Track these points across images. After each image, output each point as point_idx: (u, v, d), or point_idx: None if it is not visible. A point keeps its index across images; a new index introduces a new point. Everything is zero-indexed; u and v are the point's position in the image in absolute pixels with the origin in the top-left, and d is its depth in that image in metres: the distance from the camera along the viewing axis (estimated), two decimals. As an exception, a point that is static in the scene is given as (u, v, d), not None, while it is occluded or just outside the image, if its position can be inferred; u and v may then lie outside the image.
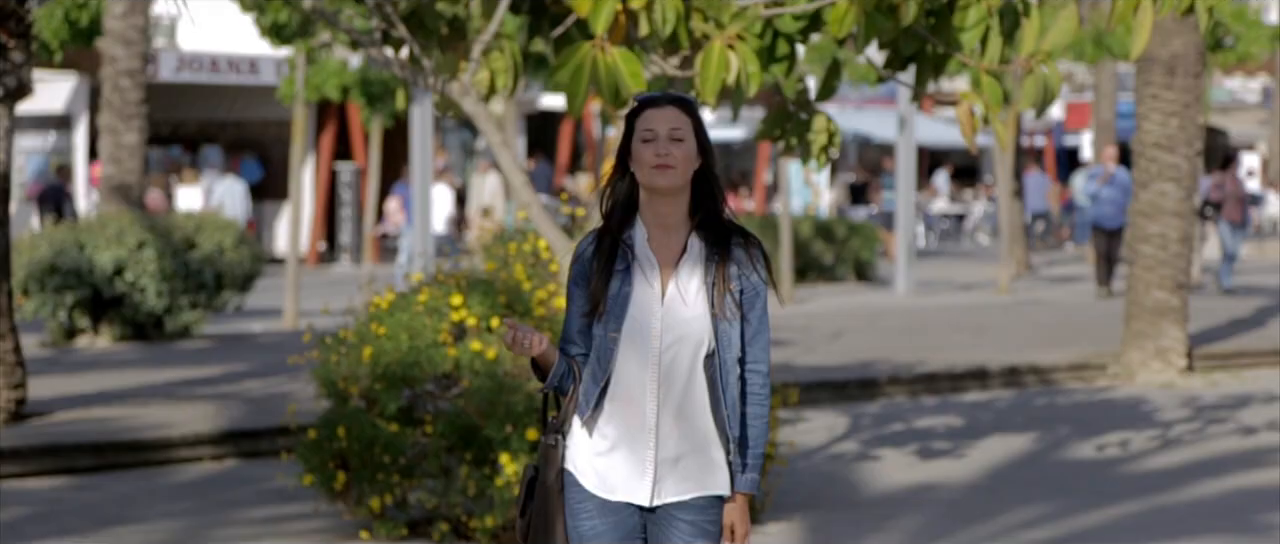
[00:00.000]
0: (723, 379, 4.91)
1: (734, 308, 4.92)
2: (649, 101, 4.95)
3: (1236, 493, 10.92)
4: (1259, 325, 20.13)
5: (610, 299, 4.91)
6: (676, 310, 4.91)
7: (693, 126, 4.92)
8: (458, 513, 9.28)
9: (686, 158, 4.89)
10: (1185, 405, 14.75)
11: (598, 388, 4.92)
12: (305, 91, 22.06)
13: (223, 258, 18.58)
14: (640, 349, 4.89)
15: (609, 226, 4.96)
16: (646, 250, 4.93)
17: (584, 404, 4.93)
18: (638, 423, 4.91)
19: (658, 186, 4.88)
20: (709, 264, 4.93)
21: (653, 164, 4.87)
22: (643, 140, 4.90)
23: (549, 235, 9.55)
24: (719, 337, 4.91)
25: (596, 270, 4.92)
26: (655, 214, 4.93)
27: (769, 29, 8.79)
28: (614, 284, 4.91)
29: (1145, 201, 16.71)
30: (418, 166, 21.18)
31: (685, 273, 4.93)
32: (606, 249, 4.93)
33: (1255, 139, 50.12)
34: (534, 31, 9.70)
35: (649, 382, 4.90)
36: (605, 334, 4.91)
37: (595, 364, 4.93)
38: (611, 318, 4.91)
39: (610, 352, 4.90)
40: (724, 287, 4.92)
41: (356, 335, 9.39)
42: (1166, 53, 16.49)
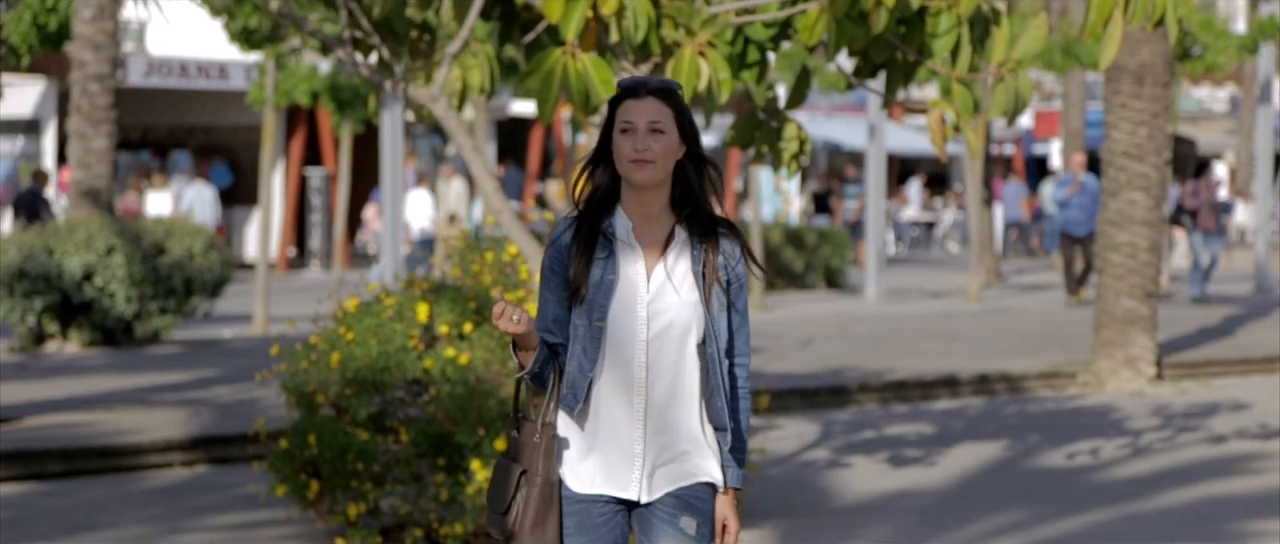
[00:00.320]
0: (713, 371, 4.81)
1: (722, 297, 4.82)
2: (628, 90, 4.80)
3: (1206, 501, 10.96)
4: (1227, 334, 20.20)
5: (593, 286, 4.77)
6: (664, 297, 4.80)
7: (675, 116, 4.79)
8: (430, 519, 9.27)
9: (667, 150, 4.78)
10: (1155, 414, 14.79)
11: (586, 380, 4.79)
12: (275, 97, 22.02)
13: (192, 263, 18.53)
14: (627, 338, 4.77)
15: (587, 213, 4.83)
16: (630, 238, 4.81)
17: (572, 397, 4.80)
18: (626, 415, 4.79)
19: (635, 181, 4.77)
20: (696, 252, 4.82)
21: (630, 158, 4.76)
22: (621, 131, 4.78)
23: (520, 241, 9.54)
24: (708, 327, 4.81)
25: (576, 256, 4.78)
26: (638, 204, 4.82)
27: (740, 36, 8.79)
28: (595, 271, 4.78)
29: (1114, 210, 16.76)
30: (388, 172, 21.15)
31: (671, 260, 4.82)
32: (585, 235, 4.79)
33: (1223, 148, 50.32)
34: (505, 37, 9.69)
35: (637, 371, 4.78)
36: (589, 323, 4.77)
37: (581, 355, 4.78)
38: (595, 306, 4.77)
39: (597, 341, 4.77)
40: (712, 275, 4.82)
41: (326, 342, 9.37)
42: (1135, 62, 16.55)
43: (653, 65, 8.84)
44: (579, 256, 4.78)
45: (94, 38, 20.32)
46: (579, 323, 4.78)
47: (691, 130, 4.83)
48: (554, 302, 4.83)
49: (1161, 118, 16.76)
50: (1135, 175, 16.63)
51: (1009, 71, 8.40)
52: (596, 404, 4.80)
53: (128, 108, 25.78)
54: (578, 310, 4.79)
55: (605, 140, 4.81)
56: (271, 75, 21.57)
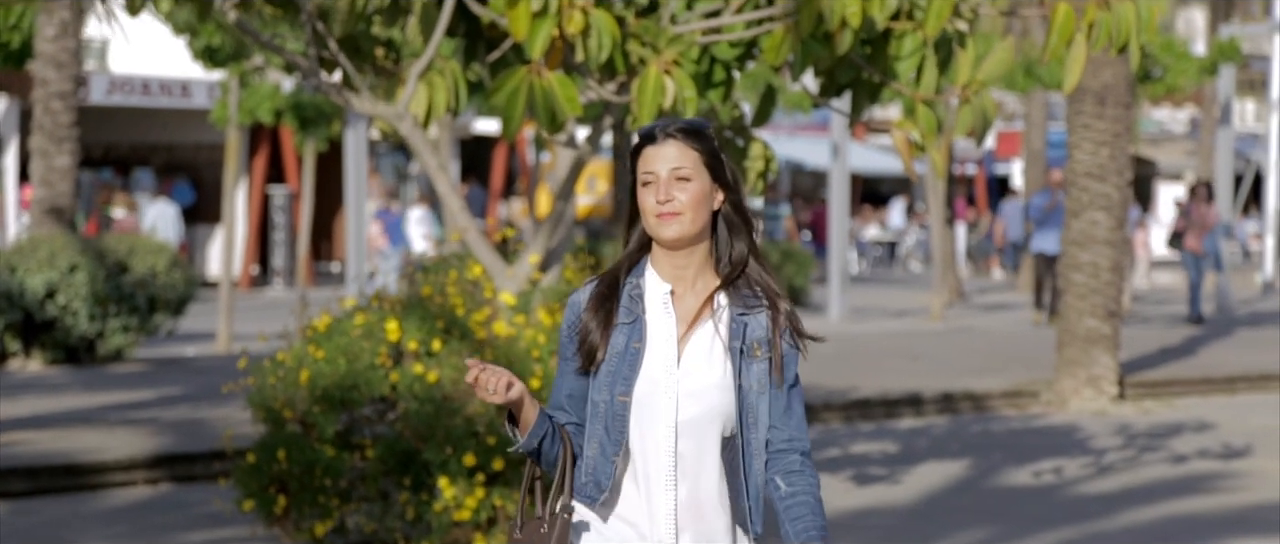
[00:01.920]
0: (746, 465, 4.11)
1: (764, 378, 4.12)
2: (646, 137, 4.16)
3: (1168, 520, 11.00)
4: (1189, 354, 20.29)
5: (615, 356, 4.10)
6: (698, 376, 4.11)
7: (704, 160, 4.13)
8: (396, 537, 9.26)
9: (696, 201, 4.10)
10: (1117, 433, 14.85)
11: (610, 466, 4.09)
12: (238, 115, 21.98)
13: (155, 281, 18.47)
14: (655, 419, 4.08)
15: (614, 272, 4.20)
16: (666, 302, 4.14)
17: (594, 487, 4.11)
18: (655, 508, 4.09)
19: (663, 239, 4.11)
20: (735, 325, 4.13)
21: (655, 213, 4.11)
22: (643, 184, 4.14)
23: (485, 258, 9.55)
24: (745, 413, 4.11)
25: (596, 317, 4.13)
26: (671, 266, 4.15)
27: (705, 55, 8.82)
28: (618, 338, 4.12)
29: (1077, 230, 16.84)
30: (351, 191, 21.14)
31: (706, 333, 4.13)
32: (608, 295, 4.15)
33: (1183, 169, 50.55)
34: (470, 55, 9.70)
35: (665, 459, 4.08)
36: (612, 398, 4.08)
37: (603, 436, 4.09)
38: (618, 379, 4.09)
39: (622, 419, 4.08)
40: (754, 351, 4.12)
41: (294, 358, 9.36)
42: (1097, 83, 16.64)
43: (618, 84, 8.86)
44: (599, 318, 4.13)
45: (56, 56, 20.27)
46: (599, 398, 4.11)
47: (727, 173, 4.17)
48: (570, 374, 4.17)
49: (1123, 138, 16.86)
50: (1097, 195, 16.71)
51: (973, 93, 8.44)
52: (623, 495, 4.12)
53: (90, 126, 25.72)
54: (596, 385, 4.11)
55: (632, 197, 4.18)
56: (235, 93, 21.54)
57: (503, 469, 9.02)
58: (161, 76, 31.76)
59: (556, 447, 4.13)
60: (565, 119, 8.31)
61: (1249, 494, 11.90)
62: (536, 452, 4.12)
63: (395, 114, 9.28)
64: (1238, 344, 21.50)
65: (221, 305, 20.46)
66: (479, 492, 8.94)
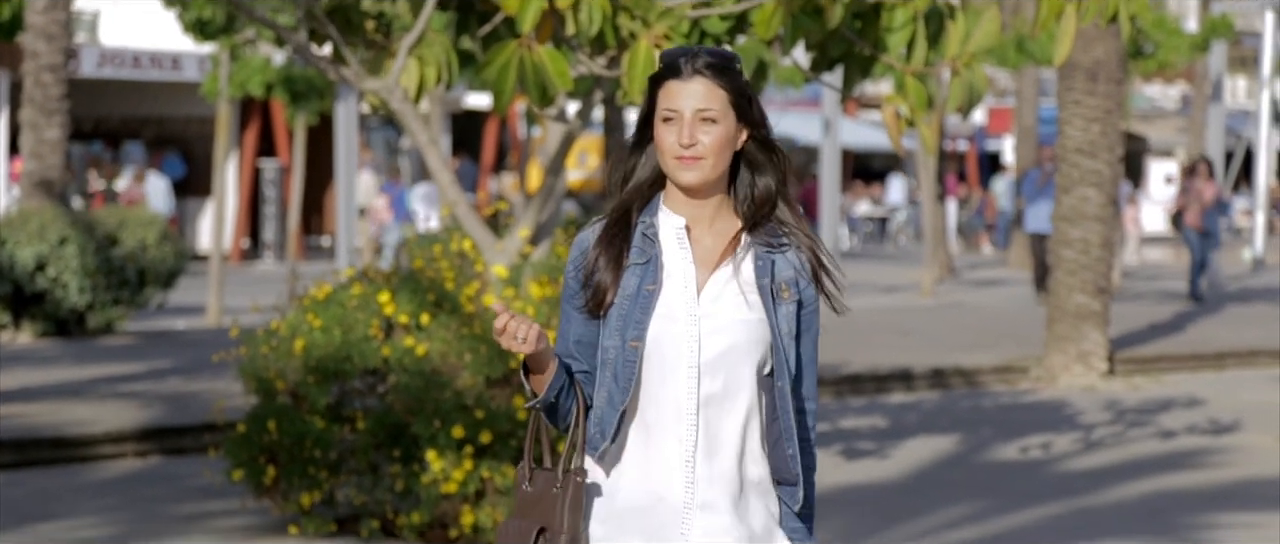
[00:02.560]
0: (783, 411, 3.84)
1: (792, 320, 3.85)
2: (671, 67, 3.82)
3: (1157, 495, 11.03)
4: (1178, 330, 20.33)
5: (626, 299, 3.80)
6: (722, 313, 3.81)
7: (731, 99, 3.80)
8: (385, 509, 9.27)
9: (720, 145, 3.79)
10: (1106, 408, 14.88)
11: (616, 413, 3.80)
12: (229, 88, 21.95)
13: (146, 254, 18.47)
14: (671, 363, 3.78)
15: (622, 208, 3.87)
16: (682, 239, 3.84)
17: (598, 435, 3.82)
18: (668, 460, 3.81)
19: (682, 183, 3.82)
20: (762, 262, 3.84)
21: (675, 155, 3.80)
22: (663, 120, 3.81)
23: (475, 233, 9.55)
24: (777, 354, 3.82)
25: (604, 261, 3.82)
26: (687, 206, 3.85)
27: (696, 29, 8.81)
28: (629, 279, 3.81)
29: (1067, 206, 16.86)
30: (342, 164, 21.12)
31: (727, 272, 3.83)
32: (617, 234, 3.84)
33: (1174, 146, 50.59)
34: (461, 29, 9.69)
35: (684, 406, 3.79)
36: (623, 344, 3.79)
37: (612, 383, 3.80)
38: (630, 323, 3.79)
39: (632, 366, 3.79)
40: (784, 291, 3.85)
41: (288, 328, 9.37)
42: (1088, 59, 16.63)
43: (609, 58, 8.86)
44: (608, 258, 3.82)
45: (47, 28, 20.22)
46: (610, 344, 3.81)
47: (754, 111, 3.86)
48: (578, 318, 3.86)
49: (1114, 115, 16.86)
50: (1088, 172, 16.73)
51: (964, 66, 8.44)
52: (632, 446, 3.82)
53: (81, 99, 25.69)
54: (607, 329, 3.82)
55: (645, 124, 3.87)
56: (225, 66, 21.51)
57: (491, 442, 9.03)
58: (152, 49, 31.72)
59: (570, 400, 3.84)
60: (556, 93, 8.30)
61: (1237, 469, 11.94)
62: (552, 406, 3.82)
63: (386, 88, 9.27)
64: (1227, 320, 21.55)
65: (212, 279, 20.46)
66: (467, 465, 8.95)
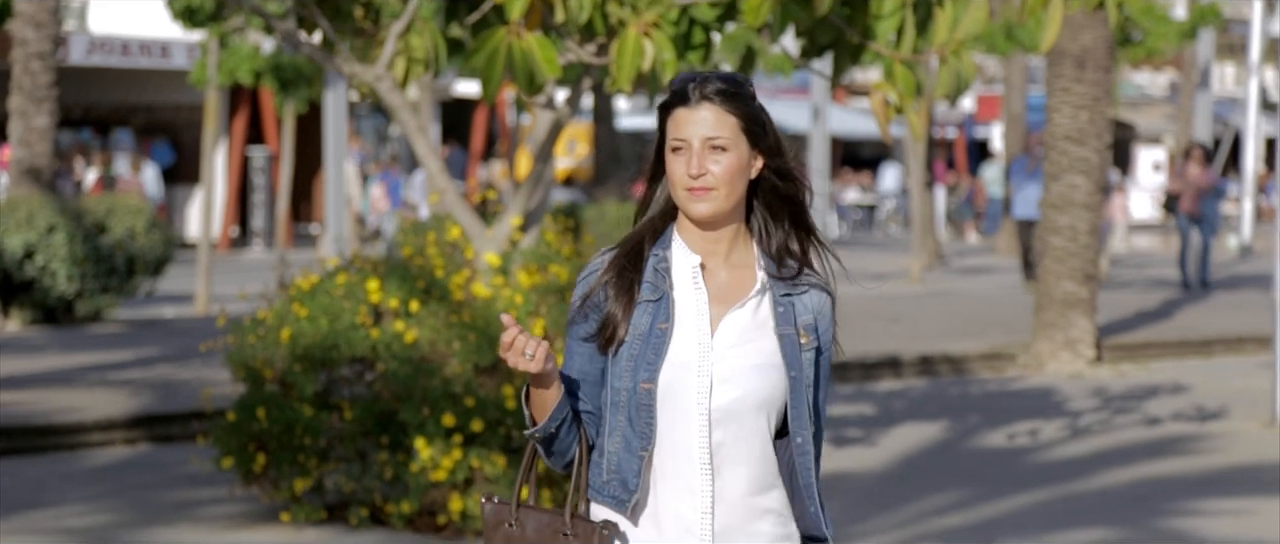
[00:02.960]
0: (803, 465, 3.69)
1: (813, 371, 3.67)
2: (678, 95, 3.65)
3: (1143, 482, 11.07)
4: (1165, 317, 20.37)
5: (638, 338, 3.61)
6: (735, 359, 3.61)
7: (743, 125, 3.64)
8: (374, 497, 9.29)
9: (731, 174, 3.61)
10: (1093, 395, 14.92)
11: (637, 461, 3.61)
12: (218, 76, 21.94)
13: (134, 242, 18.46)
14: (682, 410, 3.60)
15: (634, 240, 3.69)
16: (697, 277, 3.65)
17: (622, 487, 3.62)
18: (683, 514, 3.62)
19: (693, 216, 3.64)
20: (782, 307, 3.64)
21: (685, 187, 3.62)
22: (672, 149, 3.65)
23: (464, 220, 9.56)
24: (797, 407, 3.65)
25: (618, 296, 3.63)
26: (701, 238, 3.67)
27: (685, 16, 8.83)
28: (641, 317, 3.62)
29: (1055, 194, 16.89)
30: (331, 152, 21.13)
31: (744, 313, 3.64)
32: (630, 267, 3.66)
33: (1162, 133, 50.66)
34: (450, 16, 9.71)
35: (696, 456, 3.60)
36: (635, 386, 3.59)
37: (627, 428, 3.61)
38: (641, 364, 3.60)
39: (649, 410, 3.60)
40: (803, 339, 3.66)
41: (276, 317, 9.38)
42: (1076, 46, 16.66)
43: (598, 45, 8.87)
44: (621, 293, 3.63)
45: (36, 15, 20.20)
46: (620, 385, 3.61)
47: (769, 138, 3.68)
48: (582, 352, 3.67)
49: (1102, 102, 16.89)
50: (1076, 159, 16.75)
51: (952, 53, 8.46)
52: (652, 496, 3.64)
53: (69, 86, 25.66)
54: (617, 369, 3.62)
55: (658, 155, 3.71)
56: (214, 54, 21.50)
57: (480, 430, 9.05)
58: (141, 37, 31.69)
59: (572, 436, 3.65)
60: (544, 81, 8.32)
61: (1223, 456, 11.97)
62: (551, 438, 3.64)
63: (374, 75, 9.28)
64: (1214, 307, 21.59)
65: (200, 267, 20.45)
66: (456, 453, 8.97)
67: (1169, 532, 9.68)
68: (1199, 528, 9.76)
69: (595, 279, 3.67)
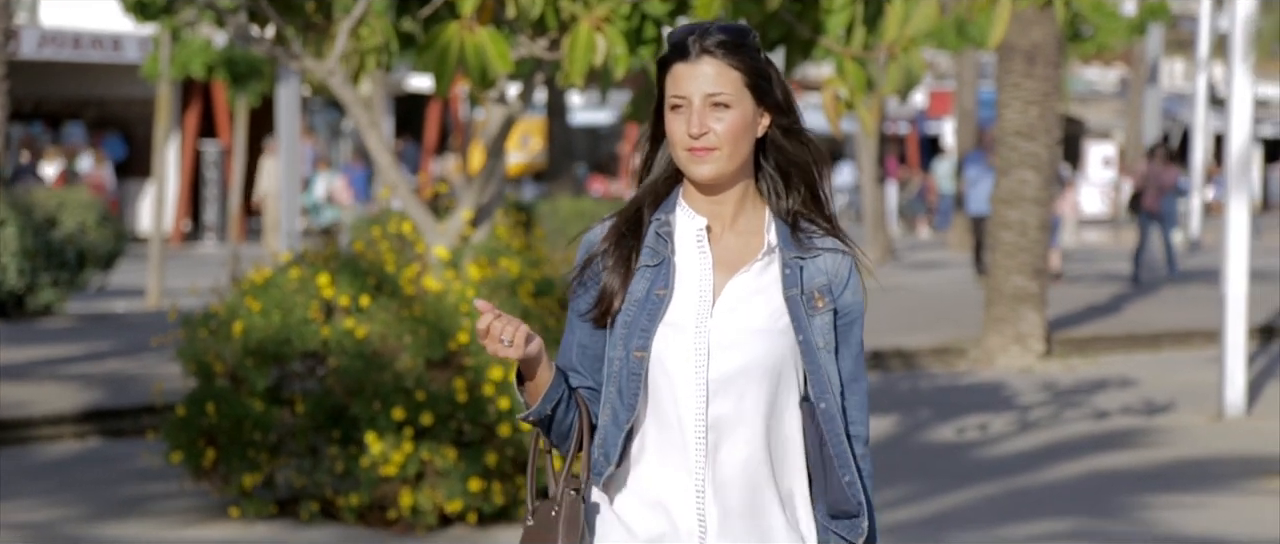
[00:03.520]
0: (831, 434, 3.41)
1: (829, 333, 3.42)
2: (677, 48, 3.41)
3: (1091, 475, 11.14)
4: (1114, 311, 20.49)
5: (634, 305, 3.41)
6: (736, 324, 3.39)
7: (746, 80, 3.39)
8: (325, 492, 9.29)
9: (736, 132, 3.39)
10: (1043, 389, 15.00)
11: (621, 433, 3.41)
12: (170, 69, 21.88)
13: (85, 236, 18.40)
14: (677, 379, 3.39)
15: (633, 206, 3.49)
16: (693, 241, 3.44)
17: (603, 459, 3.43)
18: (677, 490, 3.41)
19: (695, 177, 3.42)
20: (790, 269, 3.42)
21: (686, 147, 3.40)
22: (671, 107, 3.42)
23: (416, 215, 9.57)
24: (814, 372, 3.41)
25: (614, 263, 3.44)
26: (706, 202, 3.45)
27: (636, 11, 8.86)
28: (639, 283, 3.42)
29: (1006, 189, 16.98)
30: (284, 147, 21.05)
31: (749, 277, 3.42)
32: (629, 233, 3.45)
33: (1112, 129, 50.91)
34: (402, 10, 9.71)
35: (691, 428, 3.38)
36: (627, 355, 3.40)
37: (616, 398, 3.41)
38: (635, 331, 3.40)
39: (637, 379, 3.40)
40: (819, 300, 3.42)
41: (227, 311, 9.37)
42: (1026, 42, 16.75)
43: (550, 40, 8.89)
44: (617, 260, 3.44)
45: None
46: (614, 355, 3.42)
47: (777, 93, 3.44)
48: (583, 327, 3.47)
49: (1052, 98, 16.98)
50: (1026, 154, 16.84)
51: (902, 49, 8.51)
52: (639, 471, 3.44)
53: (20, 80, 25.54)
54: (612, 339, 3.43)
55: (658, 114, 3.49)
56: (166, 48, 21.43)
57: (431, 424, 9.06)
58: (93, 30, 31.56)
59: (571, 415, 3.45)
60: (496, 76, 8.34)
61: (1171, 449, 12.07)
62: (548, 420, 3.43)
63: (326, 69, 9.28)
64: (1162, 302, 21.73)
65: (152, 261, 20.40)
66: (407, 447, 8.98)
67: (1116, 525, 9.76)
68: (1146, 521, 9.84)
69: (594, 248, 3.47)
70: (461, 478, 9.02)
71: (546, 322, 9.43)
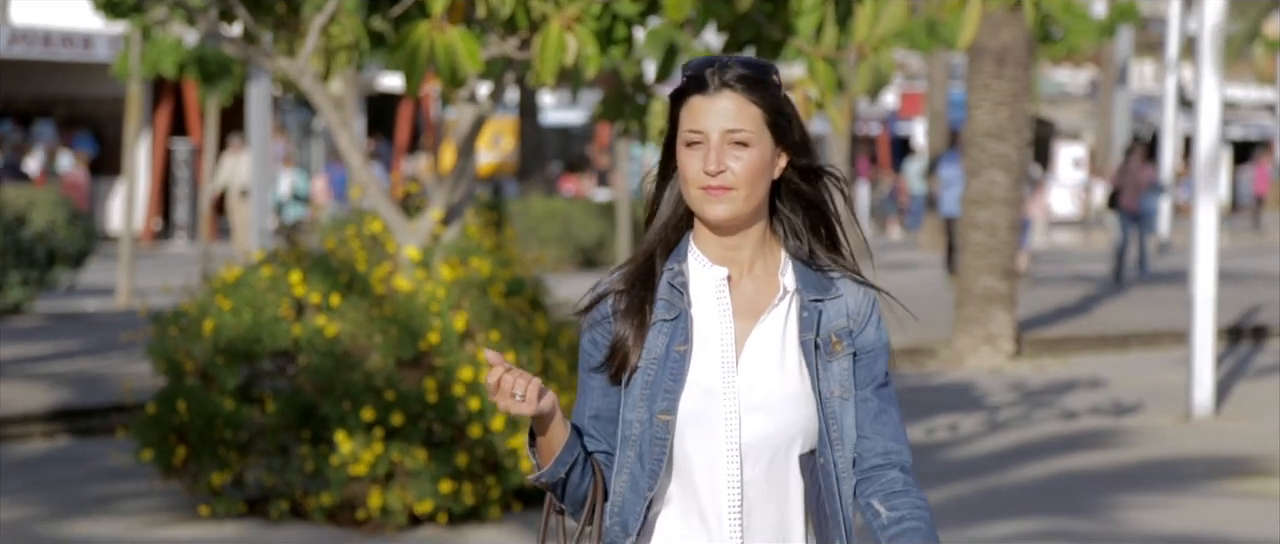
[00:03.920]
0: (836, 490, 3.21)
1: (846, 379, 3.22)
2: (695, 81, 3.22)
3: (1060, 476, 11.18)
4: (1084, 312, 20.55)
5: (652, 362, 3.18)
6: (764, 383, 3.18)
7: (767, 118, 3.20)
8: (295, 491, 9.28)
9: (754, 173, 3.19)
10: (1012, 390, 15.04)
11: (642, 503, 3.17)
12: (141, 68, 21.84)
13: (55, 234, 18.35)
14: (708, 443, 3.16)
15: (646, 253, 3.27)
16: (712, 291, 3.22)
17: (618, 529, 3.19)
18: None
19: (709, 218, 3.21)
20: (807, 313, 3.21)
21: (701, 185, 3.19)
22: (686, 143, 3.21)
23: (386, 214, 9.57)
24: (828, 426, 3.20)
25: (628, 317, 3.21)
26: (721, 246, 3.24)
27: (607, 11, 8.87)
28: (656, 339, 3.19)
29: (976, 189, 17.02)
30: (256, 145, 21.03)
31: (772, 328, 3.21)
32: (641, 284, 3.23)
33: (1082, 130, 51.06)
34: (373, 9, 9.71)
35: (724, 497, 3.16)
36: (650, 417, 3.16)
37: (636, 464, 3.17)
38: (658, 392, 3.17)
39: (661, 444, 3.16)
40: (834, 346, 3.22)
41: (197, 309, 9.36)
42: (996, 43, 16.79)
43: (520, 40, 8.90)
44: (632, 314, 3.21)
45: (-45, 6, 20.05)
46: (633, 417, 3.19)
47: (795, 132, 3.25)
48: (596, 387, 3.24)
49: (1022, 99, 17.03)
50: (996, 156, 16.89)
51: (872, 50, 8.53)
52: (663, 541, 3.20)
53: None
54: (629, 399, 3.20)
55: (669, 150, 3.28)
56: (137, 46, 21.39)
57: (401, 424, 9.06)
58: (63, 29, 31.47)
59: (586, 480, 3.22)
60: (466, 75, 8.34)
61: (1139, 450, 12.11)
62: (562, 484, 3.20)
63: (296, 68, 9.27)
64: (1132, 303, 21.81)
65: (122, 259, 20.35)
66: (377, 447, 8.98)
67: (1085, 525, 9.79)
68: (1114, 521, 9.88)
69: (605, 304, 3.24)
70: (431, 478, 9.02)
71: (517, 321, 9.44)
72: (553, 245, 25.61)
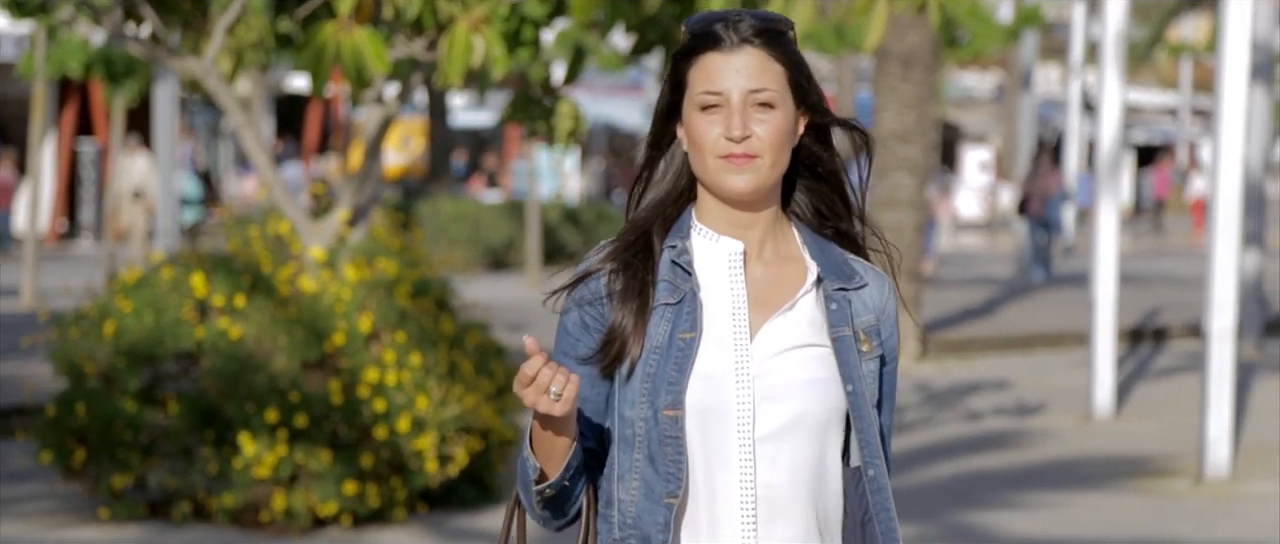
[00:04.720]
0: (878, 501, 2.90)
1: (876, 385, 2.86)
2: (708, 37, 2.81)
3: (964, 476, 11.28)
4: (989, 314, 20.72)
5: (654, 352, 2.80)
6: (783, 370, 2.80)
7: (789, 75, 2.82)
8: (198, 493, 9.25)
9: (780, 138, 2.81)
10: (917, 391, 15.15)
11: (665, 512, 2.79)
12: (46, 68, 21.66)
13: (-43, 235, 18.19)
14: (720, 438, 2.79)
15: (639, 231, 2.87)
16: (724, 270, 2.84)
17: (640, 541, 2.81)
18: None
19: (730, 191, 2.82)
20: (837, 305, 2.84)
21: (721, 153, 2.80)
22: (701, 107, 2.81)
23: (291, 215, 9.55)
24: (863, 431, 2.84)
25: (625, 301, 2.81)
26: (729, 222, 2.85)
27: (515, 13, 8.88)
28: (658, 327, 2.80)
29: (882, 192, 17.13)
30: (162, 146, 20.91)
31: (791, 314, 2.83)
32: (635, 264, 2.83)
33: (988, 133, 51.44)
34: (279, 10, 9.69)
35: (736, 499, 2.79)
36: (655, 414, 2.78)
37: (647, 468, 2.79)
38: (662, 385, 2.78)
39: (676, 444, 2.77)
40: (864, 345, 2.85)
41: (98, 311, 9.31)
42: (903, 47, 16.92)
43: (428, 41, 8.90)
44: (629, 297, 2.81)
45: None
46: (634, 414, 2.80)
47: (813, 90, 2.87)
48: (583, 381, 2.81)
49: (928, 102, 17.16)
50: (902, 158, 17.01)
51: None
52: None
53: (-109, 76, 25.22)
54: (627, 394, 2.81)
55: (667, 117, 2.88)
56: (42, 46, 21.21)
57: (305, 426, 9.04)
58: (-34, 28, 31.17)
59: (579, 488, 2.83)
60: (373, 76, 8.34)
61: (1042, 450, 12.24)
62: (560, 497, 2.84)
63: (202, 69, 9.24)
64: (1036, 305, 22.00)
65: (26, 260, 20.16)
66: (280, 449, 8.95)
67: (985, 526, 9.88)
68: (1015, 522, 9.98)
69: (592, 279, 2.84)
70: (336, 480, 9.00)
71: (423, 322, 9.44)
72: (462, 246, 25.58)
